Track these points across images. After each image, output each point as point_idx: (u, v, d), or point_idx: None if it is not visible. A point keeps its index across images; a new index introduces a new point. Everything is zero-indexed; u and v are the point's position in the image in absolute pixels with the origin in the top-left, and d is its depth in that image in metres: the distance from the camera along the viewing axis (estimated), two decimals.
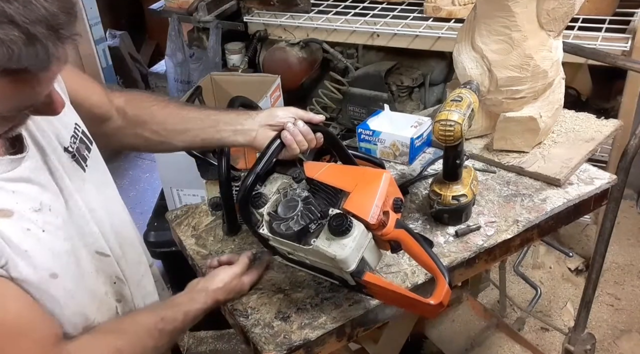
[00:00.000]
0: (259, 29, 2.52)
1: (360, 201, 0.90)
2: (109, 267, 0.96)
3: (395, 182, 0.99)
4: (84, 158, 0.94)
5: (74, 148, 0.92)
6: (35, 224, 0.80)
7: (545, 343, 2.06)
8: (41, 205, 0.82)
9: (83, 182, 0.92)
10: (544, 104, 1.32)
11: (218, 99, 2.34)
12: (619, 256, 2.37)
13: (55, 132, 0.89)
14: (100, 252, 0.94)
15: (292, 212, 0.92)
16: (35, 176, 0.82)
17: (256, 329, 0.99)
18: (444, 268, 0.92)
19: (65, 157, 0.90)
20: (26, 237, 0.78)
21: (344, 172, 0.99)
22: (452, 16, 2.16)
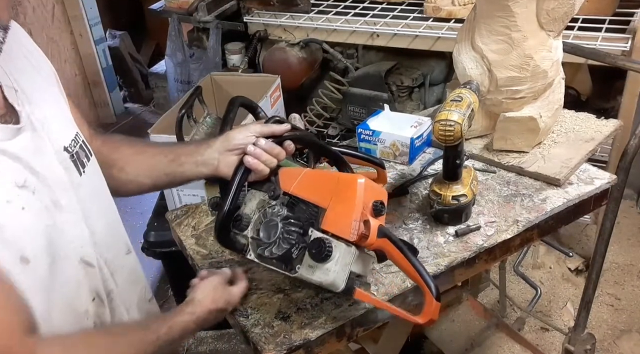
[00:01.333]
0: (259, 29, 2.52)
1: (338, 218, 0.87)
2: (92, 280, 0.90)
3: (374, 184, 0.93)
4: (82, 163, 0.91)
5: (73, 150, 0.90)
6: (17, 199, 0.76)
7: (545, 343, 2.06)
8: (26, 182, 0.78)
9: (78, 185, 0.89)
10: (544, 104, 1.32)
11: (218, 99, 2.34)
12: (619, 256, 2.37)
13: (57, 129, 0.88)
14: (86, 261, 0.88)
15: (273, 235, 0.90)
16: (25, 156, 0.79)
17: (256, 329, 0.99)
18: (430, 279, 0.87)
19: (64, 156, 0.88)
20: (4, 210, 0.74)
21: (318, 182, 0.93)
22: (452, 16, 2.16)
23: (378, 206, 0.89)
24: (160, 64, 3.57)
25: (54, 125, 0.87)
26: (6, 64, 0.82)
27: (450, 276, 1.11)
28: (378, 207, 0.89)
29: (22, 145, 0.79)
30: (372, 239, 0.87)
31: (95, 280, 0.91)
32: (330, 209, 0.88)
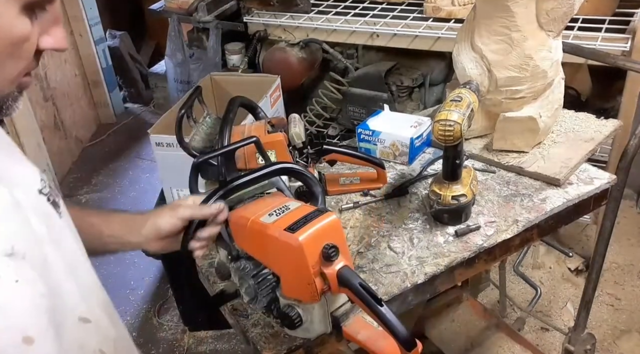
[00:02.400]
0: (259, 29, 2.52)
1: (293, 284, 0.82)
2: (92, 337, 0.79)
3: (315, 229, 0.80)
4: (57, 204, 0.81)
5: (47, 192, 0.79)
6: (7, 270, 0.65)
7: (545, 343, 2.06)
8: (13, 250, 0.67)
9: (60, 229, 0.79)
10: (544, 104, 1.32)
11: (218, 99, 2.34)
12: (619, 256, 2.37)
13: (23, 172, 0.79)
14: (83, 317, 0.78)
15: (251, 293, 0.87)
16: (5, 217, 0.68)
17: (256, 329, 0.99)
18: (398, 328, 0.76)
19: (40, 200, 0.77)
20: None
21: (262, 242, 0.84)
22: (452, 16, 2.16)
23: (328, 252, 0.78)
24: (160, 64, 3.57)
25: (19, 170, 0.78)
26: None
27: (450, 276, 1.11)
28: (328, 253, 0.78)
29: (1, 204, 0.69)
30: (334, 290, 0.80)
31: (98, 335, 0.82)
32: (283, 277, 0.84)
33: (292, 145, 1.18)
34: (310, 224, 0.80)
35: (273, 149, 1.11)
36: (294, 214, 0.83)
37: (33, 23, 0.64)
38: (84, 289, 0.80)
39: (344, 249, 0.81)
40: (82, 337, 0.77)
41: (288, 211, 0.85)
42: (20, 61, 0.65)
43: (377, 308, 0.77)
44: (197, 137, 1.25)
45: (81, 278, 0.81)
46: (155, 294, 2.45)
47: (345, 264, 0.80)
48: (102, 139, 3.58)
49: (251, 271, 0.86)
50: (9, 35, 0.62)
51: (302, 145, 1.18)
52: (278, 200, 0.90)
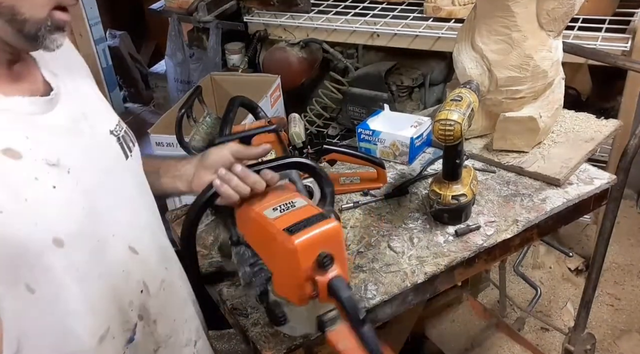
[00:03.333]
0: (259, 29, 2.52)
1: (284, 283, 0.82)
2: (137, 268, 0.85)
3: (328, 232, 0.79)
4: (129, 147, 0.89)
5: (119, 134, 0.88)
6: (47, 176, 0.71)
7: (545, 343, 2.06)
8: (58, 162, 0.73)
9: (124, 169, 0.86)
10: (544, 104, 1.32)
11: (218, 99, 2.34)
12: (619, 256, 2.37)
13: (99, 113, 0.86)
14: (132, 247, 0.84)
15: (247, 278, 0.86)
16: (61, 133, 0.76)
17: (256, 328, 0.99)
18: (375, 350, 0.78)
19: (110, 139, 0.85)
20: (30, 186, 0.70)
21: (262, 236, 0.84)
22: (452, 16, 2.16)
23: (322, 260, 0.77)
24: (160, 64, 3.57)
25: (96, 109, 0.87)
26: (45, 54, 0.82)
27: (450, 276, 1.11)
28: (322, 262, 0.77)
29: (57, 121, 0.77)
30: (322, 299, 0.79)
31: (143, 269, 0.87)
32: (276, 274, 0.83)
33: (292, 145, 1.18)
34: (310, 229, 0.78)
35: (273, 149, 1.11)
36: (297, 214, 0.83)
37: None
38: (137, 223, 0.87)
39: (340, 257, 0.80)
40: (127, 264, 0.84)
41: (293, 208, 0.84)
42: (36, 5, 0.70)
43: (358, 326, 0.77)
44: (197, 136, 1.25)
45: (136, 213, 0.88)
46: None
47: (339, 274, 0.79)
48: None
49: (249, 259, 0.86)
50: None
51: (302, 145, 1.18)
52: (287, 194, 0.89)
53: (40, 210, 0.70)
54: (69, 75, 0.85)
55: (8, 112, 0.72)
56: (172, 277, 0.94)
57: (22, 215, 0.69)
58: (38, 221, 0.70)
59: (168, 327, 0.92)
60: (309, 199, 0.88)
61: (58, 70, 0.84)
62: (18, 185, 0.69)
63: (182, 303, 0.97)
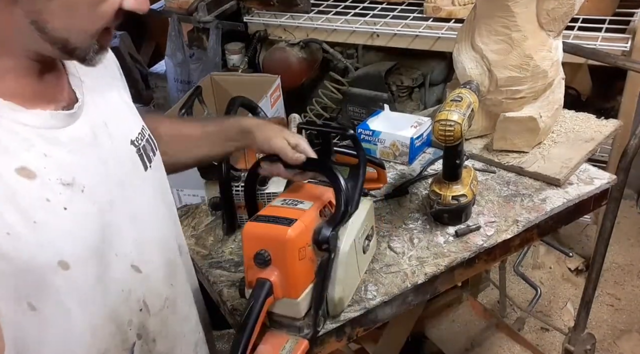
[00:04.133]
0: (259, 29, 2.52)
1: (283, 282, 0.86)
2: (138, 287, 0.83)
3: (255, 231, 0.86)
4: (148, 158, 0.87)
5: (140, 144, 0.86)
6: (59, 197, 0.69)
7: (545, 343, 2.06)
8: (74, 181, 0.71)
9: (142, 181, 0.84)
10: (544, 104, 1.32)
11: (218, 99, 2.34)
12: (619, 256, 2.37)
13: (122, 122, 0.85)
14: (135, 266, 0.82)
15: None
16: (79, 149, 0.74)
17: None
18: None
19: (130, 150, 0.83)
20: (41, 207, 0.68)
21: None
22: (452, 16, 2.16)
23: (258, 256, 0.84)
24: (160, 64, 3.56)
25: (119, 117, 0.84)
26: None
27: (450, 276, 1.11)
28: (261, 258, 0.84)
29: (77, 135, 0.74)
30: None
31: (145, 287, 0.84)
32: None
33: None
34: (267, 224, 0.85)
35: None
36: (285, 211, 0.88)
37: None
38: (144, 241, 0.84)
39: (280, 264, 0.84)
40: (128, 283, 0.81)
41: (295, 206, 0.89)
42: (98, 19, 0.70)
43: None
44: None
45: (146, 231, 0.85)
46: None
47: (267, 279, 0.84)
48: None
49: None
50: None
51: None
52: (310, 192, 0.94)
53: (48, 233, 0.69)
54: (96, 81, 0.83)
55: (26, 126, 0.70)
56: (176, 294, 0.92)
57: (29, 237, 0.67)
58: (44, 243, 0.69)
59: (167, 345, 0.90)
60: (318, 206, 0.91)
61: (85, 77, 0.82)
62: (28, 206, 0.67)
63: (183, 320, 0.95)
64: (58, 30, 0.68)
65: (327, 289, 0.91)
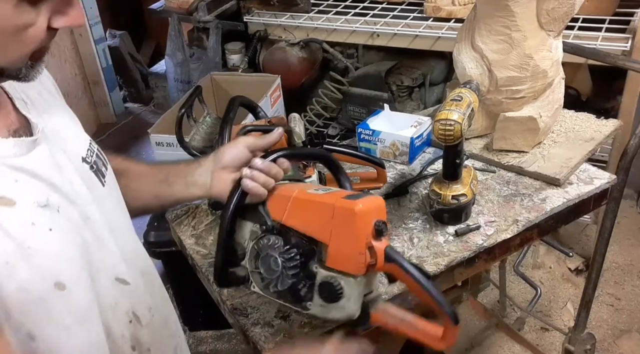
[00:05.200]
0: (259, 29, 2.52)
1: (342, 254, 0.81)
2: (128, 299, 0.82)
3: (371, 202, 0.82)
4: (102, 173, 0.85)
5: (91, 160, 0.83)
6: (42, 219, 0.69)
7: (545, 343, 2.06)
8: (48, 202, 0.71)
9: (102, 198, 0.82)
10: (544, 104, 1.32)
11: (218, 99, 2.34)
12: (619, 256, 2.37)
13: (71, 139, 0.82)
14: (121, 279, 0.81)
15: (275, 271, 0.86)
16: (44, 172, 0.72)
17: (256, 328, 0.99)
18: (446, 304, 0.80)
19: (83, 167, 0.81)
20: (30, 232, 0.67)
21: (311, 212, 0.85)
22: (452, 16, 2.16)
23: (379, 226, 0.81)
24: (160, 64, 3.57)
25: (67, 136, 0.81)
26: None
27: (450, 276, 1.11)
28: (380, 228, 0.81)
29: (38, 159, 0.72)
30: (380, 266, 0.82)
31: (133, 299, 0.83)
32: (332, 245, 0.83)
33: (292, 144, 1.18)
34: (366, 199, 0.81)
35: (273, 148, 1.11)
36: (341, 192, 0.86)
37: (40, 7, 0.64)
38: (123, 253, 0.82)
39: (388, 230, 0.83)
40: (117, 296, 0.80)
41: (331, 190, 0.87)
42: (26, 44, 0.67)
43: (425, 282, 0.80)
44: (197, 136, 1.25)
45: (122, 241, 0.83)
46: None
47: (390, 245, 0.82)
48: (102, 139, 3.57)
49: (280, 248, 0.85)
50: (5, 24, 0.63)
51: (302, 144, 1.18)
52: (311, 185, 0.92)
53: (41, 256, 0.68)
54: (37, 100, 0.80)
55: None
56: (156, 301, 0.90)
57: (26, 263, 0.66)
58: (40, 267, 0.68)
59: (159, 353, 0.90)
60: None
61: (27, 96, 0.78)
62: (18, 233, 0.67)
63: (164, 326, 0.93)
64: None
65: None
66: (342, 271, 0.82)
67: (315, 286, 0.84)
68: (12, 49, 0.66)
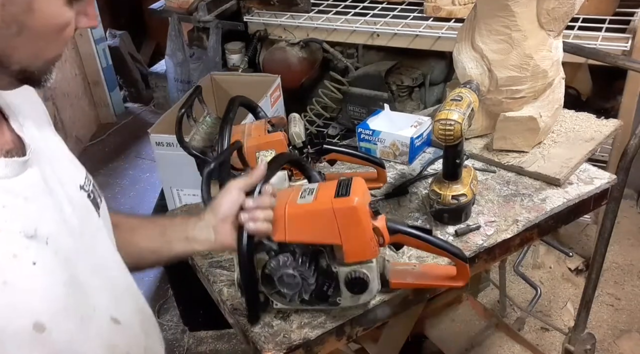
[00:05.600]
0: (259, 29, 2.52)
1: (357, 247, 0.87)
2: (121, 339, 0.77)
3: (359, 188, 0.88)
4: (97, 205, 0.81)
5: (89, 189, 0.80)
6: (26, 252, 0.63)
7: (545, 343, 2.06)
8: (36, 232, 0.65)
9: (96, 229, 0.78)
10: (544, 103, 1.32)
11: (218, 98, 2.34)
12: (619, 256, 2.36)
13: (68, 167, 0.79)
14: (114, 318, 0.76)
15: (295, 286, 0.90)
16: (34, 197, 0.67)
17: (256, 328, 0.99)
18: (452, 248, 0.93)
19: (80, 195, 0.77)
20: (9, 265, 0.61)
21: (314, 221, 0.88)
22: (452, 16, 2.16)
23: (374, 207, 0.88)
24: (160, 64, 3.57)
25: (63, 162, 0.78)
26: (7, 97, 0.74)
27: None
28: (375, 208, 0.88)
29: (31, 182, 0.68)
30: (387, 240, 0.90)
31: (127, 338, 0.79)
32: (345, 244, 0.87)
33: (292, 145, 1.18)
34: (352, 189, 0.87)
35: (273, 148, 1.11)
36: (325, 189, 0.90)
37: (73, 6, 0.66)
38: (117, 290, 0.79)
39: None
40: (112, 337, 0.75)
41: (315, 189, 0.91)
42: (61, 45, 0.68)
43: (428, 238, 0.91)
44: (197, 136, 1.25)
45: (114, 279, 0.79)
46: (155, 294, 2.44)
47: (386, 218, 0.89)
48: (102, 138, 3.58)
49: (292, 263, 0.89)
50: (55, 23, 0.65)
51: (302, 145, 1.18)
52: (290, 190, 0.94)
53: (19, 293, 0.62)
54: (35, 125, 0.76)
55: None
56: (153, 342, 0.87)
57: (2, 301, 0.60)
58: (18, 305, 0.62)
59: None
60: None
61: (24, 119, 0.74)
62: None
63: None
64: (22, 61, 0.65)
65: None
66: (361, 261, 0.88)
67: (340, 283, 0.91)
68: (54, 48, 0.67)
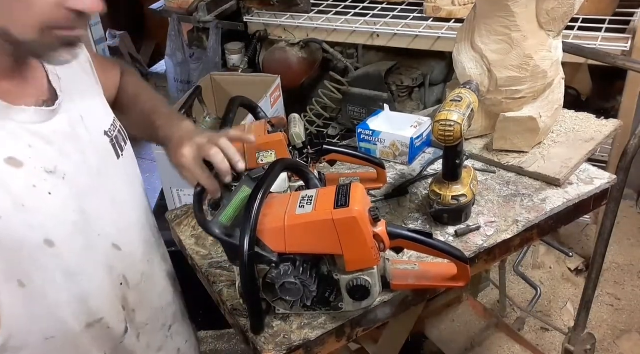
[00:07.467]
0: (259, 29, 2.52)
1: (358, 255, 0.88)
2: (118, 263, 0.93)
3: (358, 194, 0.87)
4: (120, 147, 0.95)
5: (112, 134, 0.94)
6: (44, 183, 0.79)
7: (545, 343, 2.06)
8: (55, 169, 0.80)
9: (115, 169, 0.93)
10: (544, 104, 1.32)
11: (218, 99, 2.34)
12: (619, 256, 2.37)
13: (96, 114, 0.92)
14: (116, 245, 0.92)
15: (298, 292, 0.91)
16: (58, 140, 0.82)
17: None
18: (452, 250, 0.93)
19: (104, 139, 0.91)
20: (29, 193, 0.77)
21: (314, 233, 0.87)
22: (452, 16, 2.16)
23: (374, 213, 0.87)
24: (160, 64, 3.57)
25: (92, 111, 0.91)
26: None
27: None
28: (374, 215, 0.87)
29: (56, 128, 0.82)
30: (388, 246, 0.90)
31: (125, 264, 0.94)
32: (347, 254, 0.87)
33: (292, 145, 1.18)
34: (352, 197, 0.86)
35: (273, 149, 1.11)
36: (324, 197, 0.88)
37: None
38: (124, 222, 0.94)
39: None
40: (111, 260, 0.91)
41: (314, 197, 0.90)
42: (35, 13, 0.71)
43: (429, 242, 0.91)
44: None
45: (123, 213, 0.94)
46: None
47: (386, 223, 0.89)
48: None
49: (293, 271, 0.89)
50: None
51: (302, 145, 1.18)
52: (288, 196, 0.93)
53: (35, 215, 0.77)
54: (72, 78, 0.90)
55: (13, 121, 0.77)
56: (153, 269, 1.04)
57: (19, 219, 0.76)
58: (33, 225, 0.77)
59: (145, 315, 1.02)
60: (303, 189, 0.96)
61: (62, 74, 0.88)
62: (17, 192, 0.75)
63: (160, 293, 1.07)
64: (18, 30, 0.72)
65: None
66: (362, 268, 0.88)
67: (342, 290, 0.91)
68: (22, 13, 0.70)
